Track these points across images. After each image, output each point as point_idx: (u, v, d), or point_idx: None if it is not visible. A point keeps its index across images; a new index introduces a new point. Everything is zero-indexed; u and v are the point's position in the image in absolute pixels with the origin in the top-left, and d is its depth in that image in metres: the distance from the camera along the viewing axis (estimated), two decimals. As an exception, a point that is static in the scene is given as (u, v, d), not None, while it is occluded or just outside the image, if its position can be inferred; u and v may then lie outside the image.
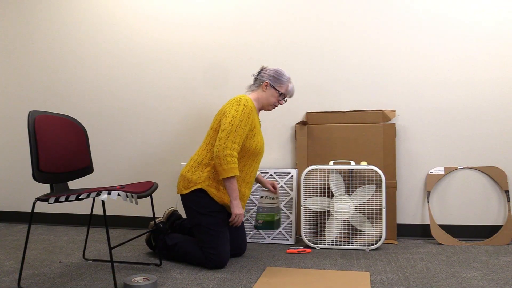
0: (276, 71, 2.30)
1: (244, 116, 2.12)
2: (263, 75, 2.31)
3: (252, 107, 2.17)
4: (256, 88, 2.33)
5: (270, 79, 2.29)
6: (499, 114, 2.67)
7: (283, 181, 2.71)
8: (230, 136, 2.07)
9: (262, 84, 2.30)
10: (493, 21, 2.67)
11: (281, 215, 2.68)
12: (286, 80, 2.30)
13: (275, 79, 2.29)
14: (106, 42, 3.21)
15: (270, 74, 2.30)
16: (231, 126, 2.09)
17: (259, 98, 2.31)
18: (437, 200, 2.73)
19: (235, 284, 1.89)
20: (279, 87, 2.29)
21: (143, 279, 1.87)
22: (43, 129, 1.98)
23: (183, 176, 2.19)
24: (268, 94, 2.29)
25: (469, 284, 1.85)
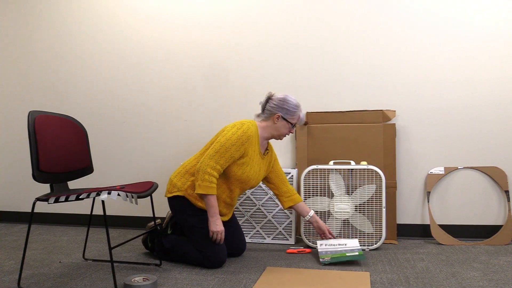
0: (285, 102, 2.22)
1: (238, 141, 2.09)
2: (274, 106, 2.24)
3: (251, 135, 2.13)
4: (266, 118, 2.27)
5: (281, 111, 2.22)
6: (499, 114, 2.67)
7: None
8: (215, 156, 2.07)
9: (272, 116, 2.24)
10: (493, 21, 2.67)
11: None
12: (298, 110, 2.25)
13: (287, 111, 2.22)
14: (106, 42, 3.21)
15: (280, 105, 2.22)
16: (221, 147, 2.08)
17: (269, 128, 2.26)
18: (437, 200, 2.73)
19: (235, 284, 1.89)
20: (291, 118, 2.24)
21: (143, 279, 1.87)
22: (43, 129, 1.98)
23: (170, 180, 2.24)
24: (279, 126, 2.24)
25: (469, 284, 1.85)
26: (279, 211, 2.66)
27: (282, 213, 2.68)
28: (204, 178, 2.04)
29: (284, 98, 2.24)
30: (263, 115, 2.28)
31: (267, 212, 2.67)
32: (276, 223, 2.66)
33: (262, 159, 2.28)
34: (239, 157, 2.13)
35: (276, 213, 2.67)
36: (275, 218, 2.67)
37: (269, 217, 2.66)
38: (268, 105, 2.26)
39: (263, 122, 2.27)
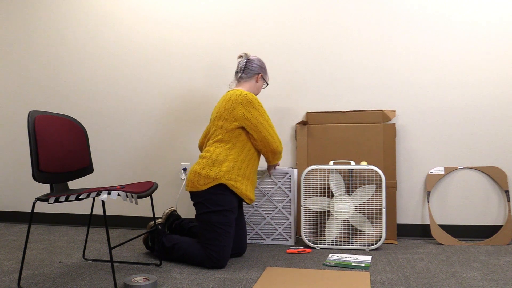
0: (263, 63, 2.42)
1: (260, 108, 2.23)
2: (255, 66, 2.38)
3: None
4: (248, 79, 2.38)
5: (262, 71, 2.40)
6: (499, 114, 2.67)
7: (282, 181, 2.70)
8: (275, 134, 2.24)
9: (255, 76, 2.38)
10: (493, 21, 2.67)
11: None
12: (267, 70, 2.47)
13: (265, 70, 2.42)
14: (106, 42, 3.21)
15: (261, 65, 2.39)
16: (270, 125, 2.23)
17: (252, 89, 2.39)
18: (437, 200, 2.73)
19: (235, 284, 1.89)
20: (267, 77, 2.45)
21: (143, 279, 1.87)
22: (43, 129, 1.98)
23: (198, 174, 2.17)
24: (259, 85, 2.41)
25: (469, 284, 1.85)
26: (277, 213, 2.66)
27: (280, 215, 2.68)
28: (281, 148, 2.28)
29: (260, 59, 2.42)
30: (246, 76, 2.38)
31: (265, 214, 2.67)
32: (275, 224, 2.66)
33: None
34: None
35: (275, 214, 2.66)
36: (274, 220, 2.67)
37: (268, 219, 2.66)
38: (250, 65, 2.37)
39: (246, 84, 2.38)
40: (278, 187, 2.66)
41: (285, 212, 2.66)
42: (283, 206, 2.66)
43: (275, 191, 2.66)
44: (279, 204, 2.65)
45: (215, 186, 2.16)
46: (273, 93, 2.93)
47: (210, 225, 2.14)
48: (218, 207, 2.15)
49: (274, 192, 2.66)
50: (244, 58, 2.39)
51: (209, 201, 2.16)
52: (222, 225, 2.13)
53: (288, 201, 2.66)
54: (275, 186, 2.66)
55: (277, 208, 2.65)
